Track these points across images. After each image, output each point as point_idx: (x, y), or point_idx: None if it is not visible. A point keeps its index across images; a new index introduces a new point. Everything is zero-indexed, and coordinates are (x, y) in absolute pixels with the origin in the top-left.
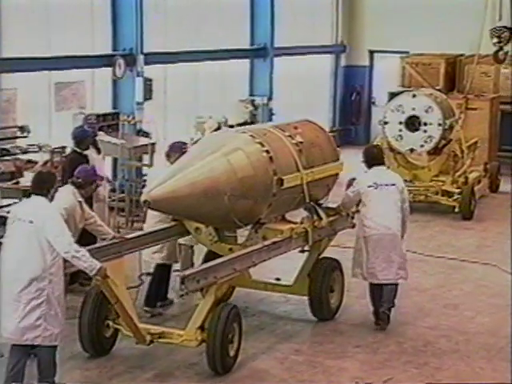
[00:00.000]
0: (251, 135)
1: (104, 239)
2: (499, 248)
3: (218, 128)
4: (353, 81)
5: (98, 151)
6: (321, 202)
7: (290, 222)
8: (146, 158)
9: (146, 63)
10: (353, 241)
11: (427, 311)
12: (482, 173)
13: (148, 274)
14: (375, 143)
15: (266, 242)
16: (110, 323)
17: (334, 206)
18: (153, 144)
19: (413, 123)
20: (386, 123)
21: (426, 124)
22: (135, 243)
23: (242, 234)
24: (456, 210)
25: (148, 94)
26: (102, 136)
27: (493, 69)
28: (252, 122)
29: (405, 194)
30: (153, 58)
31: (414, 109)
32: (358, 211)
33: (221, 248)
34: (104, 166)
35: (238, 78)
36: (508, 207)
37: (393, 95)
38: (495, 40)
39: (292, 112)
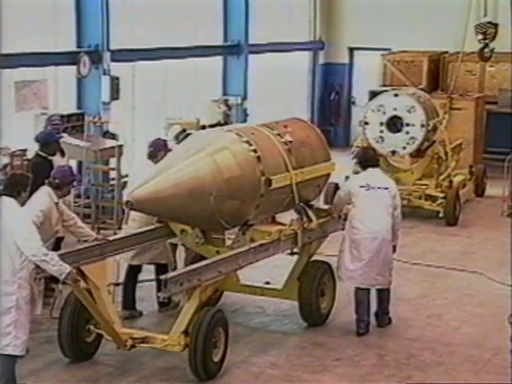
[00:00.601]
0: (238, 134)
1: (85, 241)
2: (485, 255)
3: (184, 131)
4: (331, 79)
5: (62, 154)
6: (311, 203)
7: (279, 223)
8: (113, 162)
9: (113, 60)
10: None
11: (410, 322)
12: (467, 176)
13: (116, 284)
14: (357, 144)
15: (253, 244)
16: (92, 328)
17: (326, 207)
18: (120, 146)
19: (394, 124)
20: (366, 124)
21: (408, 125)
22: (118, 245)
23: (231, 236)
24: (440, 215)
25: (115, 93)
26: (65, 138)
27: (478, 67)
28: (225, 123)
29: (397, 201)
30: (120, 55)
31: (395, 109)
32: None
33: (207, 250)
34: None
35: (211, 77)
36: (494, 212)
37: (373, 94)
38: (480, 37)
39: (268, 112)
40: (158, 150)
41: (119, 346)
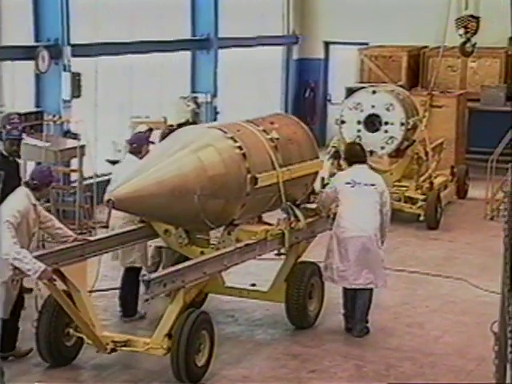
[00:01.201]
0: (223, 130)
1: (65, 242)
2: (468, 260)
3: (150, 130)
4: (306, 75)
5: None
6: (299, 202)
7: (265, 223)
8: (74, 163)
9: (74, 56)
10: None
11: (389, 331)
12: (449, 177)
13: (90, 291)
14: (333, 144)
15: (239, 245)
16: (71, 331)
17: (313, 206)
18: (82, 147)
19: (372, 123)
20: (342, 122)
21: (386, 123)
22: (99, 246)
23: (217, 236)
24: (421, 218)
25: (76, 90)
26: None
27: (459, 62)
28: (194, 122)
29: (385, 197)
30: (81, 50)
31: (373, 107)
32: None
33: (191, 251)
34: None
35: (179, 73)
36: (477, 215)
37: (350, 91)
38: (461, 31)
39: (239, 110)
40: (141, 145)
41: (99, 349)
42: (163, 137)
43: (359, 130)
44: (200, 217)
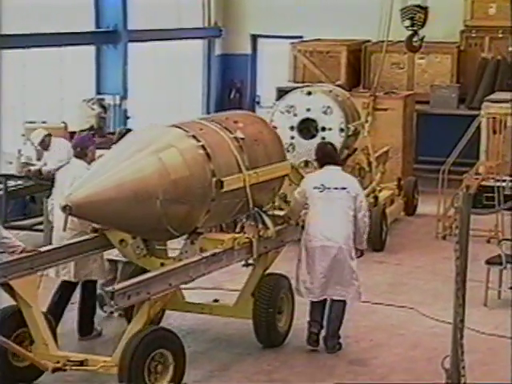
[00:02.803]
0: (183, 129)
1: (12, 252)
2: (418, 286)
3: (49, 135)
4: (231, 74)
5: None
6: (265, 208)
7: (228, 232)
8: None
9: None
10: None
11: (328, 369)
12: (396, 191)
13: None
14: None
15: (205, 254)
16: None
17: (281, 213)
18: None
19: (308, 128)
20: (274, 128)
21: (324, 129)
22: (50, 257)
23: (174, 247)
24: None
25: None
26: None
27: (406, 59)
28: (100, 128)
29: (360, 202)
30: None
31: (308, 110)
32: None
33: (150, 263)
34: None
35: (81, 71)
36: (428, 233)
37: (282, 93)
38: (407, 23)
39: (153, 114)
40: (86, 147)
41: (42, 368)
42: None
43: (292, 137)
44: (162, 224)
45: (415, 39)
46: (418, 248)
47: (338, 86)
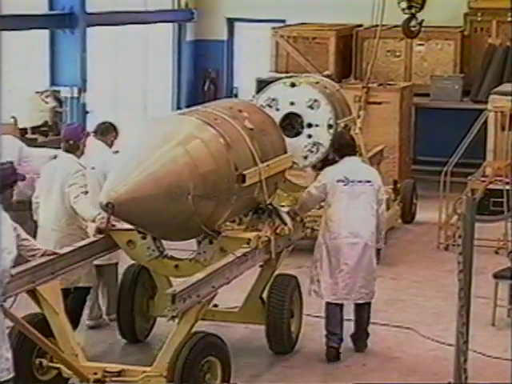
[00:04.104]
0: (199, 118)
1: (32, 256)
2: (416, 304)
3: None
4: (205, 63)
5: None
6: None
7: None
8: None
9: None
10: None
11: None
12: (391, 195)
13: None
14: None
15: (238, 253)
16: (45, 362)
17: (285, 209)
18: None
19: (292, 125)
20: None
21: (310, 126)
22: (69, 260)
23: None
24: None
25: None
26: None
27: (403, 46)
28: (55, 124)
29: (382, 194)
30: None
31: (292, 104)
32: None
33: (163, 265)
34: None
35: (33, 59)
36: (428, 243)
37: (263, 84)
38: (404, 4)
39: (116, 109)
40: (79, 140)
41: (83, 381)
42: None
43: None
44: (194, 222)
45: (413, 23)
46: (417, 260)
47: (326, 76)
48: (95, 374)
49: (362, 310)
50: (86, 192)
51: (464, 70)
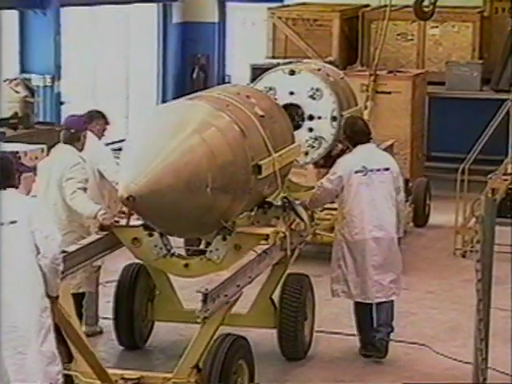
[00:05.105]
0: (210, 104)
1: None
2: (431, 317)
3: None
4: (194, 47)
5: None
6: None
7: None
8: None
9: None
10: None
11: None
12: None
13: None
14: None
15: (260, 251)
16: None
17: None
18: None
19: (291, 116)
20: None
21: (311, 118)
22: (76, 259)
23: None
24: None
25: None
26: None
27: (415, 28)
28: (26, 116)
29: (400, 182)
30: None
31: (292, 94)
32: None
33: (171, 264)
34: None
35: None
36: (443, 250)
37: (259, 71)
38: None
39: (94, 99)
40: (81, 130)
41: None
42: None
43: None
44: (212, 216)
45: (426, 3)
46: (431, 268)
47: (329, 63)
48: (115, 381)
49: (386, 309)
50: (85, 189)
51: (483, 56)
